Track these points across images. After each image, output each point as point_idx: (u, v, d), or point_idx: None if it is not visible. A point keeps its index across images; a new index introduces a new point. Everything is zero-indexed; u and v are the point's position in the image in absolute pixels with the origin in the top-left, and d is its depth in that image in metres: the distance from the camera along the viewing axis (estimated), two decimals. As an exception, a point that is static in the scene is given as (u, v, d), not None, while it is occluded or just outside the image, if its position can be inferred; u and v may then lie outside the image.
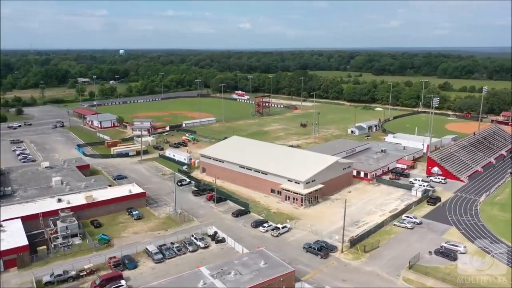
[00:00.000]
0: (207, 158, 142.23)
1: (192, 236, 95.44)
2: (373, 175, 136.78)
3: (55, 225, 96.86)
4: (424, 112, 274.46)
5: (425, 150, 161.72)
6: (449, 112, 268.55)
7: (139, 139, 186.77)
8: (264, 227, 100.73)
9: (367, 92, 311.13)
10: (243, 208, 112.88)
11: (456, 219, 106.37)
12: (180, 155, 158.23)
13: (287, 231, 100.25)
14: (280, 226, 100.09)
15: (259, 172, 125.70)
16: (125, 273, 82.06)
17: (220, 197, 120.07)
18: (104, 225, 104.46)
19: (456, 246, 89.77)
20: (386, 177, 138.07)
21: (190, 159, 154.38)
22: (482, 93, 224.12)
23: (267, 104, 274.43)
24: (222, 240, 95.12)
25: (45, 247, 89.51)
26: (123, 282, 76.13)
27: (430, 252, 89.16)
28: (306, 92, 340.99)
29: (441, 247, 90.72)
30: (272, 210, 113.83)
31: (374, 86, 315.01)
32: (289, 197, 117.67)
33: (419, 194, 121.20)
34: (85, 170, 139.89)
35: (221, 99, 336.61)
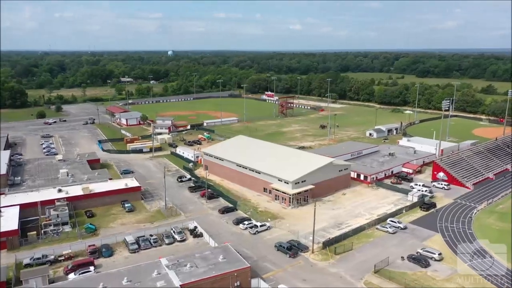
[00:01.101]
0: (209, 156, 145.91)
1: (172, 229, 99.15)
2: (373, 178, 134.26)
3: (50, 213, 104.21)
4: (456, 115, 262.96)
5: (438, 155, 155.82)
6: (482, 117, 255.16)
7: (159, 137, 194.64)
8: (244, 224, 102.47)
9: (398, 94, 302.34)
10: (230, 205, 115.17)
11: (445, 226, 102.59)
12: (188, 152, 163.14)
13: (266, 229, 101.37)
14: (258, 224, 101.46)
15: (253, 171, 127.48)
16: (100, 261, 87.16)
17: (212, 194, 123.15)
18: (97, 215, 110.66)
19: (431, 253, 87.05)
20: (389, 181, 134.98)
21: (197, 156, 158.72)
22: (508, 96, 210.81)
23: (290, 105, 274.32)
24: (200, 235, 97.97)
25: (35, 232, 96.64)
26: (91, 268, 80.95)
27: (402, 257, 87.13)
28: (337, 93, 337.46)
29: (417, 253, 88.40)
30: (260, 209, 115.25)
31: (405, 88, 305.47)
32: (278, 197, 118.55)
33: (415, 199, 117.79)
34: (96, 164, 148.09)
35: (251, 100, 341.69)
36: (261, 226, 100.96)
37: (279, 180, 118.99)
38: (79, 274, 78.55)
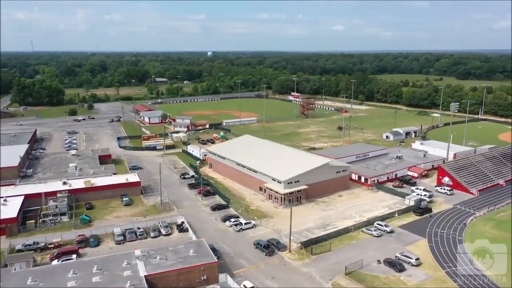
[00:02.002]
0: (213, 154, 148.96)
1: (159, 223, 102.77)
2: (374, 181, 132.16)
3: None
4: (485, 119, 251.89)
5: (450, 159, 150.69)
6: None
7: (173, 134, 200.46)
8: (230, 221, 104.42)
9: (427, 96, 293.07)
10: (223, 203, 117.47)
11: (435, 232, 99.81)
12: (197, 151, 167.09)
13: (251, 227, 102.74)
14: (243, 222, 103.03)
15: (251, 170, 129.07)
16: (86, 250, 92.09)
17: (209, 191, 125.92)
18: (96, 207, 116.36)
19: (409, 257, 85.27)
20: (392, 184, 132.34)
21: (205, 155, 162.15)
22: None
23: (311, 106, 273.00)
24: (186, 230, 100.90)
25: (33, 221, 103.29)
26: (74, 256, 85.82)
27: (378, 261, 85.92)
28: (364, 95, 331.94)
29: (396, 257, 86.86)
30: (251, 207, 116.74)
31: (435, 90, 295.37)
32: (271, 196, 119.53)
33: (412, 203, 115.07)
34: (107, 159, 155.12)
35: (277, 100, 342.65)
36: (245, 224, 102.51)
37: (272, 179, 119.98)
38: (62, 261, 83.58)
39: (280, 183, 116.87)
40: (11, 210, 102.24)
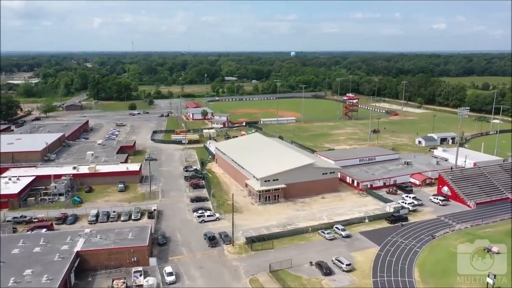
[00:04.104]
0: (218, 150, 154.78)
1: (134, 209, 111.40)
2: (366, 185, 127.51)
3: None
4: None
5: (456, 167, 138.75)
6: None
7: (204, 130, 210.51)
8: (197, 213, 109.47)
9: (491, 101, 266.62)
10: (204, 196, 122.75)
11: (394, 241, 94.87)
12: (213, 146, 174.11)
13: (214, 220, 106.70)
14: (206, 214, 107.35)
15: (240, 166, 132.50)
16: (62, 226, 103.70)
17: (198, 184, 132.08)
18: (94, 191, 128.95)
19: (341, 262, 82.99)
20: (389, 190, 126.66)
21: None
22: None
23: (355, 107, 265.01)
24: (153, 217, 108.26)
25: (34, 198, 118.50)
26: (43, 230, 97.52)
27: (311, 262, 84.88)
28: (425, 98, 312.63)
29: (332, 260, 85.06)
30: (229, 202, 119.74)
31: (501, 95, 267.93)
32: (251, 192, 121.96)
33: (391, 210, 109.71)
34: (129, 150, 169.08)
35: (330, 101, 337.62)
36: (208, 216, 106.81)
37: (253, 176, 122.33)
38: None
39: (257, 180, 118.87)
40: (16, 187, 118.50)
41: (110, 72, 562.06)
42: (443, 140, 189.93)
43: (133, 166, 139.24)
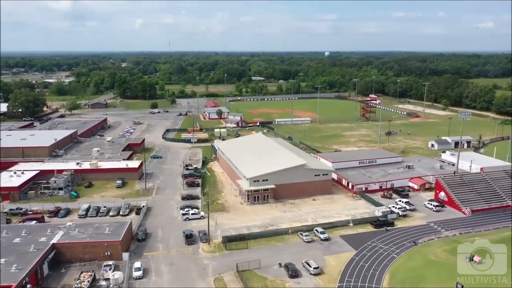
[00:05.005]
0: (219, 149, 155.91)
1: (123, 205, 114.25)
2: (361, 188, 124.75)
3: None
4: None
5: (457, 171, 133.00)
6: None
7: (215, 129, 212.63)
8: (183, 210, 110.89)
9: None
10: (193, 194, 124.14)
11: (373, 246, 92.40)
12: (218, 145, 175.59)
13: (198, 218, 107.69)
14: (191, 212, 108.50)
15: (234, 166, 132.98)
16: (53, 219, 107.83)
17: (193, 182, 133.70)
18: (93, 186, 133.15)
19: (309, 265, 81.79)
20: (387, 194, 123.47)
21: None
22: None
23: (372, 108, 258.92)
24: (140, 213, 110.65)
25: (34, 191, 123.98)
26: (33, 222, 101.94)
27: (280, 264, 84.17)
28: (451, 99, 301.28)
29: (302, 263, 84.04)
30: (219, 201, 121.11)
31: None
32: (241, 192, 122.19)
33: (379, 214, 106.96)
34: (137, 147, 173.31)
35: (351, 102, 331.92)
36: (192, 214, 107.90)
37: (244, 176, 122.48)
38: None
39: (247, 180, 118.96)
40: (18, 181, 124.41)
41: (143, 72, 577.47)
42: (457, 143, 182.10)
43: (133, 163, 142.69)
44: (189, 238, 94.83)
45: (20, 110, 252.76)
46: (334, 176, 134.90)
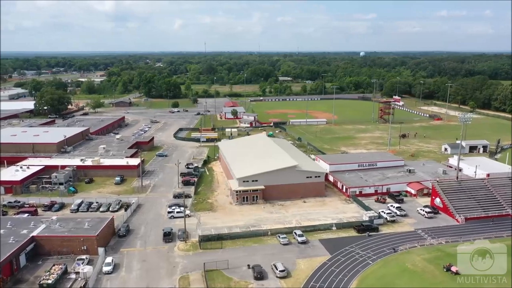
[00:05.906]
0: (220, 149, 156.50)
1: (114, 201, 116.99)
2: (354, 191, 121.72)
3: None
4: None
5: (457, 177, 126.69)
6: None
7: (226, 129, 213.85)
8: (170, 208, 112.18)
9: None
10: (187, 193, 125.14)
11: (351, 251, 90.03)
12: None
13: (183, 216, 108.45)
14: (176, 211, 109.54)
15: (229, 165, 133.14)
16: (46, 213, 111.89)
17: (189, 180, 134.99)
18: (94, 182, 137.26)
19: (277, 268, 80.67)
20: (384, 198, 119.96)
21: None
22: None
23: (391, 109, 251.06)
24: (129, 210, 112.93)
25: (35, 186, 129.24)
26: (26, 214, 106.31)
27: (248, 265, 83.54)
28: (480, 102, 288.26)
29: (271, 265, 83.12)
30: (209, 200, 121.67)
31: None
32: (231, 192, 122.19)
33: (366, 218, 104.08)
34: (145, 145, 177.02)
35: (373, 103, 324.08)
36: (177, 212, 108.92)
37: (235, 176, 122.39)
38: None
39: (236, 180, 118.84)
40: (22, 175, 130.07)
41: (173, 72, 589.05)
42: (473, 148, 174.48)
43: (133, 161, 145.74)
44: (167, 236, 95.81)
45: (45, 108, 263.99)
46: (331, 178, 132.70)
